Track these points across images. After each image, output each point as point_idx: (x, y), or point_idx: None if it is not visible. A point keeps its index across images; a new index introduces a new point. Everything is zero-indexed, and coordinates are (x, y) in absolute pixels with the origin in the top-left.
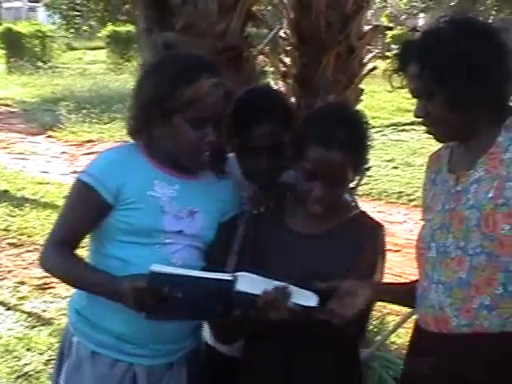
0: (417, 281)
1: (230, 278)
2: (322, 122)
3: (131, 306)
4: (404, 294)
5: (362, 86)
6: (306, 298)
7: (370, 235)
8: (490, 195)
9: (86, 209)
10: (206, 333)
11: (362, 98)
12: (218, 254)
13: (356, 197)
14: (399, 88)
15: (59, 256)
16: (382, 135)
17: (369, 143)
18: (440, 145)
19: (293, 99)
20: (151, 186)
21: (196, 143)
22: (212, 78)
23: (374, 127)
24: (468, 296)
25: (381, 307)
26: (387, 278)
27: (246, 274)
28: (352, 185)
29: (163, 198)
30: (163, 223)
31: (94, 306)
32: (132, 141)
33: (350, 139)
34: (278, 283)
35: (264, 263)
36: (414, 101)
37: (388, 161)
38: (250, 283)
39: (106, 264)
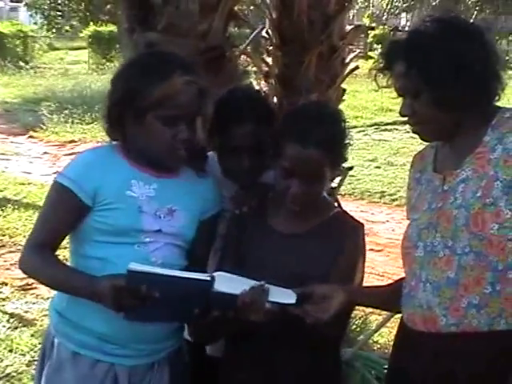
0: (398, 282)
1: (207, 278)
2: (299, 120)
3: (110, 305)
4: (385, 296)
5: (344, 85)
6: (283, 296)
7: (351, 234)
8: (478, 194)
9: (65, 211)
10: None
11: (345, 97)
12: (199, 252)
13: (339, 196)
14: (384, 87)
15: (38, 258)
16: (365, 135)
17: (347, 142)
18: (422, 145)
19: (275, 99)
20: (129, 186)
21: (169, 141)
22: (185, 75)
23: (356, 127)
24: (456, 295)
25: (363, 307)
26: (369, 278)
27: (224, 273)
28: (334, 184)
29: (141, 198)
30: (141, 223)
31: (75, 307)
32: (113, 141)
33: (327, 137)
34: (255, 282)
35: (246, 263)
36: (397, 100)
37: (370, 160)
38: (228, 283)
39: (85, 265)
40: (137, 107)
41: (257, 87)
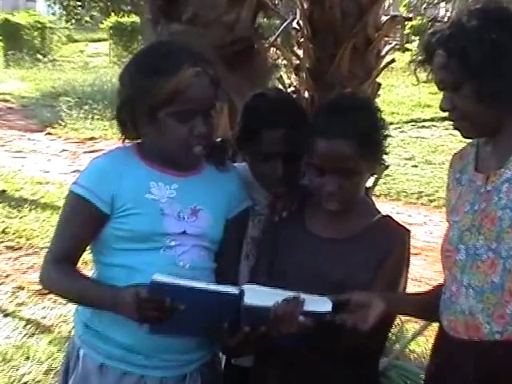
0: (438, 288)
1: (236, 292)
2: (324, 113)
3: (133, 317)
4: (423, 304)
5: (379, 79)
6: (319, 304)
7: (397, 242)
8: None
9: (82, 222)
10: None
11: (380, 92)
12: (228, 254)
13: (373, 197)
14: (425, 82)
15: (58, 273)
16: (401, 132)
17: (383, 133)
18: (462, 142)
19: (306, 94)
20: (148, 188)
21: (184, 138)
22: (194, 66)
23: (392, 123)
24: (501, 301)
25: (401, 315)
26: None
27: (253, 286)
28: (369, 184)
29: (162, 200)
30: (165, 226)
31: (100, 317)
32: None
33: (355, 126)
34: (288, 293)
35: (281, 271)
36: (435, 96)
37: (407, 159)
38: (258, 296)
39: (110, 274)
40: (147, 105)
41: (287, 81)
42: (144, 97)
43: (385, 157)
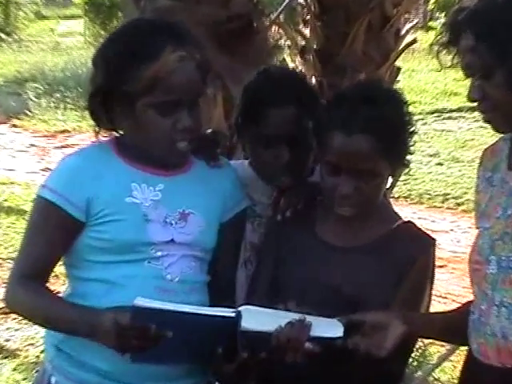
0: (466, 306)
1: (231, 315)
2: (342, 103)
3: (113, 346)
4: (450, 325)
5: (398, 63)
6: (328, 328)
7: (420, 251)
8: None
9: (53, 231)
10: None
11: (399, 78)
12: (223, 263)
13: (391, 200)
14: (450, 67)
15: (26, 293)
16: (424, 124)
17: (409, 129)
18: (495, 136)
19: (313, 80)
20: (128, 190)
21: (167, 133)
22: (178, 50)
23: (413, 114)
24: None
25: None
26: None
27: (251, 307)
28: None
29: (145, 204)
30: (149, 234)
31: (74, 339)
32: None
33: (377, 120)
34: (292, 315)
35: (284, 283)
36: (464, 82)
37: (431, 155)
38: (257, 318)
39: (86, 290)
40: (123, 95)
41: (291, 65)
42: (120, 84)
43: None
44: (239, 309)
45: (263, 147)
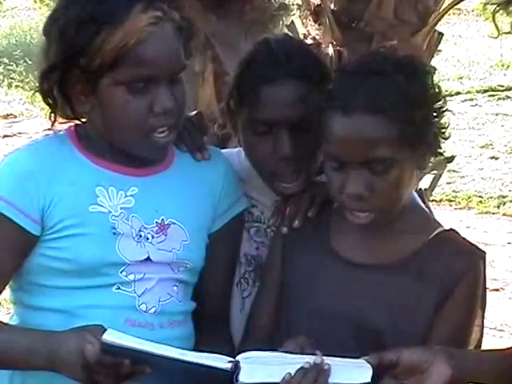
0: None
1: (227, 367)
2: (342, 77)
3: (79, 380)
4: (507, 367)
5: (440, 27)
6: (353, 372)
7: (465, 269)
8: None
9: (1, 248)
10: None
11: (441, 47)
12: (214, 288)
13: (431, 204)
14: (508, 33)
15: None
16: (473, 106)
17: (434, 104)
18: None
19: (330, 49)
20: (93, 196)
21: (141, 118)
22: (150, 9)
23: (459, 93)
24: None
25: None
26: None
27: (251, 354)
28: (423, 185)
29: (114, 213)
30: (118, 251)
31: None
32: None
33: (384, 93)
34: (304, 358)
35: (291, 311)
36: None
37: (482, 147)
38: (260, 367)
39: (38, 321)
40: (83, 71)
41: (301, 31)
42: (78, 58)
43: (445, 144)
44: (237, 358)
45: (259, 136)
